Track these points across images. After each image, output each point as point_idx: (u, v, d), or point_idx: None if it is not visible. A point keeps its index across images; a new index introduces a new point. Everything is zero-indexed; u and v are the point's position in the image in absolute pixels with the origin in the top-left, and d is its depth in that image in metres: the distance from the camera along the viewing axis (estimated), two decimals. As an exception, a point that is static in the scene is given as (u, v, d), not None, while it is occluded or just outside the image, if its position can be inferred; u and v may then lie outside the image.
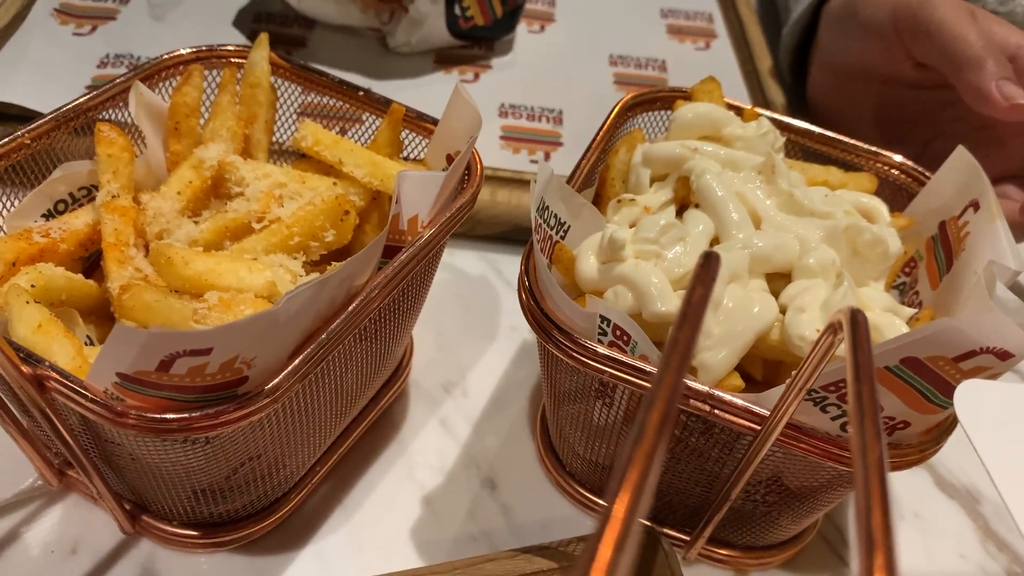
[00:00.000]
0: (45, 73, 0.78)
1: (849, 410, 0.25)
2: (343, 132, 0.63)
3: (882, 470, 0.21)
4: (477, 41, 0.90)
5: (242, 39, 0.87)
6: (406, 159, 0.60)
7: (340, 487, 0.56)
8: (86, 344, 0.48)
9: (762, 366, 0.49)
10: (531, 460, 0.59)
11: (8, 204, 0.53)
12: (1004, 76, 0.65)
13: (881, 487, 0.21)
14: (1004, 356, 0.38)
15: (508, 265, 0.73)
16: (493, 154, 0.78)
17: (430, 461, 0.58)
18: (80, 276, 0.50)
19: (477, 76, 0.87)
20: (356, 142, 0.61)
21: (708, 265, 0.30)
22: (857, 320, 0.31)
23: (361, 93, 0.59)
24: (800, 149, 0.65)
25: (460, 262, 0.73)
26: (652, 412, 0.21)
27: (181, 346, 0.35)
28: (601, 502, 0.56)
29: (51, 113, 0.53)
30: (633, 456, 0.19)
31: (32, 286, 0.47)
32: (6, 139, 0.51)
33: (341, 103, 0.61)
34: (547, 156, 0.79)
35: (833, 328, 0.35)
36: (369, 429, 0.59)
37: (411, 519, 0.55)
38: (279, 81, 0.61)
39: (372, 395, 0.58)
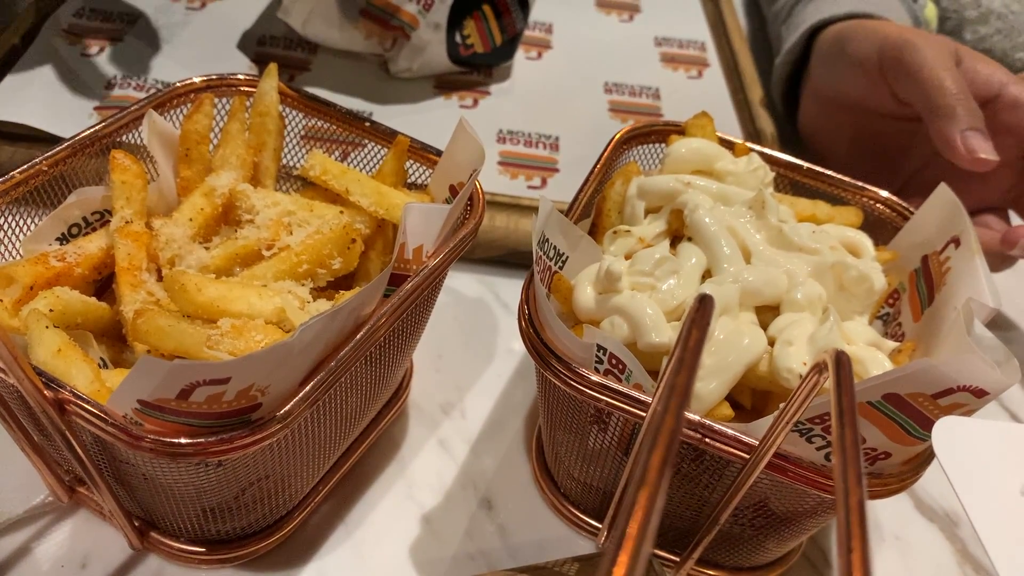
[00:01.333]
0: (55, 93, 0.80)
1: (833, 452, 0.27)
2: (345, 156, 0.64)
3: (862, 512, 0.23)
4: (476, 67, 0.93)
5: (247, 61, 0.89)
6: (410, 185, 0.62)
7: (342, 505, 0.58)
8: (100, 366, 0.50)
9: (751, 395, 0.51)
10: (527, 481, 0.61)
11: (24, 227, 0.55)
12: (972, 127, 0.68)
13: (861, 527, 0.23)
14: (980, 394, 0.40)
15: (505, 288, 0.75)
16: (491, 179, 0.80)
17: (429, 481, 0.60)
18: (94, 299, 0.52)
19: (476, 102, 0.90)
20: (360, 167, 0.64)
21: (703, 309, 0.32)
22: (842, 363, 0.33)
23: (367, 124, 0.61)
24: (788, 182, 0.67)
25: (459, 285, 0.75)
26: (653, 456, 0.23)
27: (201, 376, 0.37)
28: (594, 523, 0.58)
29: (68, 140, 0.55)
30: (636, 500, 0.21)
31: (51, 310, 0.49)
32: (24, 166, 0.53)
33: (346, 132, 0.63)
34: (543, 182, 0.81)
35: (819, 367, 0.37)
36: (370, 449, 0.60)
37: (411, 538, 0.56)
38: (286, 108, 0.63)
39: (373, 416, 0.60)
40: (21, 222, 0.54)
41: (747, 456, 0.45)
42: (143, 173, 0.55)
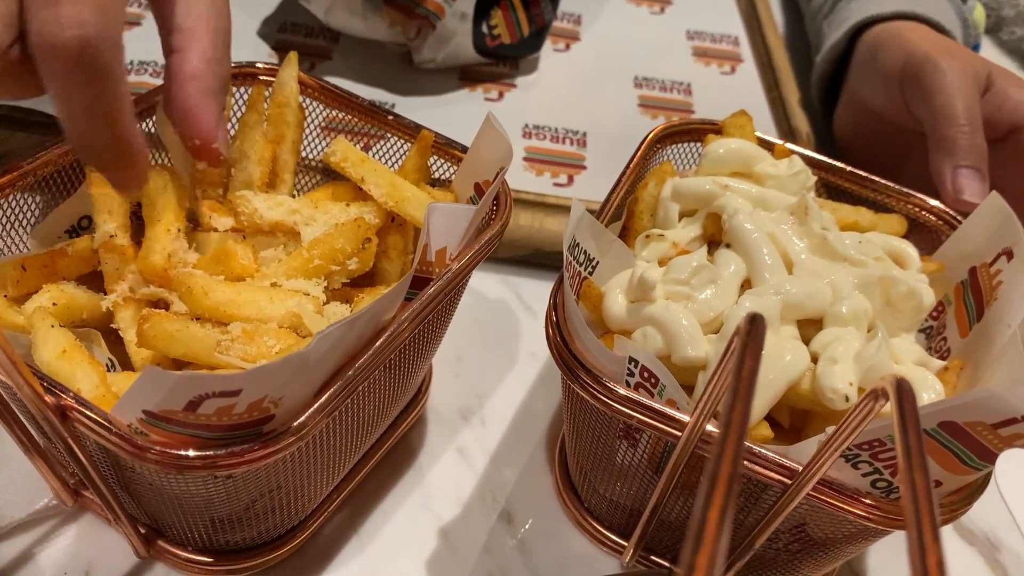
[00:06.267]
0: (69, 78, 0.77)
1: (902, 499, 0.24)
2: (367, 148, 0.62)
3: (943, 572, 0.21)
4: (502, 59, 0.90)
5: (267, 49, 0.87)
6: (434, 181, 0.59)
7: (356, 515, 0.55)
8: (107, 367, 0.48)
9: (789, 414, 0.49)
10: (549, 493, 0.58)
11: (33, 218, 0.52)
12: (969, 164, 0.64)
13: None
14: (1044, 424, 0.37)
15: (528, 289, 0.73)
16: (516, 176, 0.77)
17: (447, 491, 0.58)
18: (100, 295, 0.50)
19: (501, 95, 0.87)
20: (381, 160, 0.61)
21: (755, 332, 0.30)
22: (904, 394, 0.30)
23: (390, 117, 0.59)
24: (825, 185, 0.64)
25: (480, 285, 0.72)
26: (711, 510, 0.20)
27: (210, 388, 0.35)
28: (619, 540, 0.55)
29: (79, 129, 0.53)
30: (695, 564, 0.18)
31: (54, 304, 0.47)
32: (33, 157, 0.50)
33: (368, 124, 0.60)
34: (570, 180, 0.78)
35: (875, 394, 0.34)
36: (386, 456, 0.58)
37: (427, 552, 0.54)
38: (306, 99, 0.60)
39: (391, 422, 0.58)
40: (29, 213, 0.52)
41: (788, 481, 0.42)
42: None
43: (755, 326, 0.30)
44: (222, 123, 0.49)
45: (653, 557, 0.55)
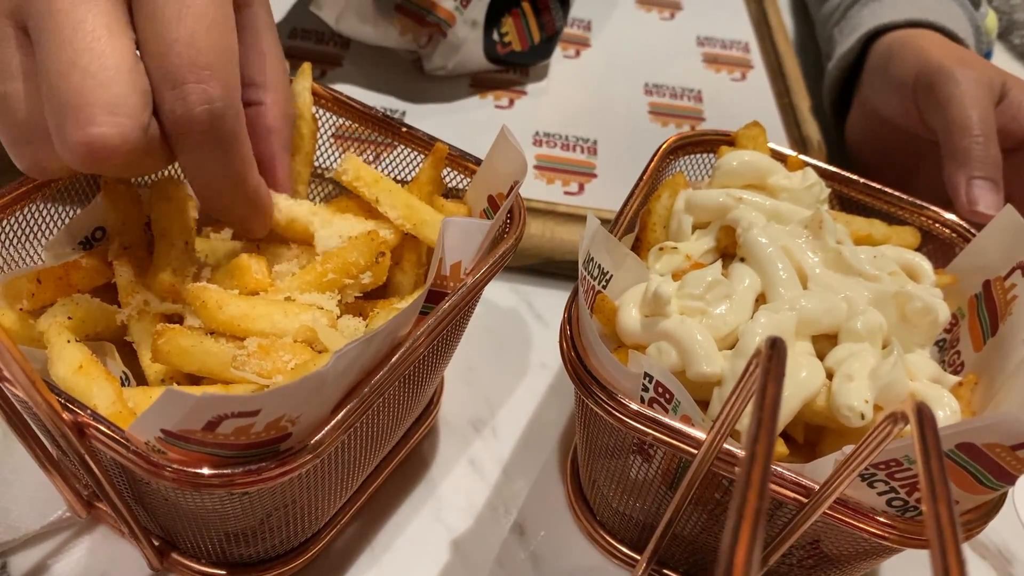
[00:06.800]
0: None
1: (927, 531, 0.24)
2: (378, 157, 0.62)
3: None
4: (513, 66, 0.90)
5: (277, 55, 0.86)
6: (446, 192, 0.59)
7: (369, 527, 0.55)
8: (122, 380, 0.48)
9: (803, 429, 0.49)
10: (561, 505, 0.58)
11: (48, 229, 0.52)
12: (983, 175, 0.64)
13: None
14: (1062, 446, 0.37)
15: (539, 298, 0.73)
16: (527, 184, 0.77)
17: (459, 503, 0.58)
18: (115, 308, 0.50)
19: (512, 102, 0.87)
20: (393, 167, 0.61)
21: (777, 357, 0.30)
22: (925, 419, 0.30)
23: (404, 129, 0.58)
24: (838, 197, 0.64)
25: (491, 294, 0.72)
26: (738, 551, 0.20)
27: (229, 409, 0.35)
28: (631, 553, 0.55)
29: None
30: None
31: (69, 317, 0.47)
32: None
33: (382, 135, 0.60)
34: (581, 188, 0.78)
35: (894, 417, 0.34)
36: (399, 467, 0.58)
37: (439, 564, 0.54)
38: (317, 108, 0.60)
39: (403, 433, 0.58)
40: (44, 225, 0.52)
41: (804, 499, 0.42)
42: (136, 196, 0.52)
43: (776, 351, 0.30)
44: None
45: (666, 571, 0.54)
